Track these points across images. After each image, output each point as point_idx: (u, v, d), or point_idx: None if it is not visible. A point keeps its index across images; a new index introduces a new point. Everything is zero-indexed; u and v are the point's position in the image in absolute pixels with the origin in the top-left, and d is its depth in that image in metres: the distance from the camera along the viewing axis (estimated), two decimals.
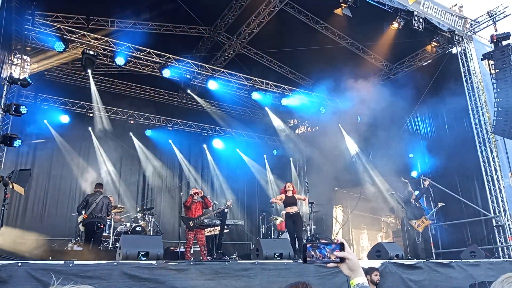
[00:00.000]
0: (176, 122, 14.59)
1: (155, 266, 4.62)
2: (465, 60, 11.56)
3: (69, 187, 12.44)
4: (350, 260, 1.53)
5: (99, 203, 8.60)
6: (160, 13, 11.22)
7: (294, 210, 8.84)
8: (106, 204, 8.70)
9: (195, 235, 8.94)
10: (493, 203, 10.40)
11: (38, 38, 9.99)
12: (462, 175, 11.19)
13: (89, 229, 8.52)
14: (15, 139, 8.82)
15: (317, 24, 12.23)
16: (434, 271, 6.91)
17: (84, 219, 8.65)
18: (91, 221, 8.44)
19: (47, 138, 11.93)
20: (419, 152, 12.25)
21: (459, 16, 11.52)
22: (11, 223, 11.13)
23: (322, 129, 14.64)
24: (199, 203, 9.32)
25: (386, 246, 7.48)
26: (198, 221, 8.98)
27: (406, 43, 11.63)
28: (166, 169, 14.40)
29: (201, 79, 12.20)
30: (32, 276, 3.84)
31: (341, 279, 5.42)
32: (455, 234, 11.08)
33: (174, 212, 13.87)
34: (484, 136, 10.88)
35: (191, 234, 8.92)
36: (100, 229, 8.52)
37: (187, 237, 9.02)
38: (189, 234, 8.94)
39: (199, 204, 9.27)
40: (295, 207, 8.90)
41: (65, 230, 11.32)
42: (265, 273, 5.29)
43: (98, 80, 13.03)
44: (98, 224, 8.42)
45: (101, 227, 8.55)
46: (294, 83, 14.05)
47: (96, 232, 8.50)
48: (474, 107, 11.16)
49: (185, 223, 9.03)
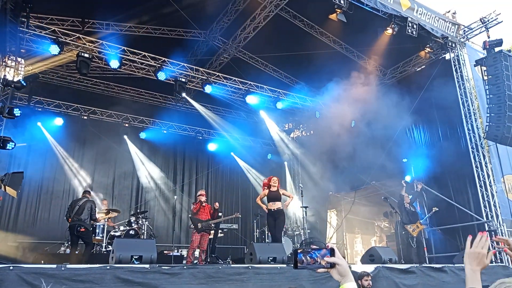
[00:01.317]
0: (170, 125, 14.57)
1: (149, 270, 4.61)
2: (458, 66, 11.68)
3: (62, 190, 12.38)
4: (340, 265, 1.55)
5: (81, 206, 8.52)
6: (156, 17, 11.24)
7: (276, 206, 8.35)
8: (88, 207, 8.55)
9: (200, 238, 8.88)
10: (485, 208, 10.47)
11: (32, 40, 9.95)
12: (455, 180, 11.27)
13: (71, 232, 8.44)
14: (8, 141, 8.78)
15: (312, 29, 12.31)
16: (427, 276, 6.95)
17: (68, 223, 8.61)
18: (72, 224, 8.38)
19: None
20: (413, 157, 12.32)
21: (452, 22, 11.65)
22: (3, 226, 11.06)
23: (317, 133, 14.68)
24: (207, 206, 9.29)
25: (380, 250, 7.52)
26: (206, 224, 8.92)
27: (400, 48, 11.73)
28: (160, 172, 14.36)
29: (196, 82, 12.21)
30: (23, 280, 3.82)
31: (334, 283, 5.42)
32: (447, 239, 11.14)
33: (167, 215, 13.82)
34: (477, 142, 10.97)
35: (197, 236, 8.85)
36: (80, 232, 8.31)
37: (192, 238, 8.97)
38: (195, 236, 8.87)
39: (207, 208, 9.24)
40: (278, 203, 8.39)
41: (58, 233, 11.24)
42: (258, 278, 5.30)
43: (92, 83, 13.01)
44: (78, 228, 8.28)
45: (81, 230, 8.31)
46: (289, 87, 14.09)
47: (78, 235, 8.35)
48: (467, 113, 11.26)
49: (193, 224, 8.95)
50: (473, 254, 1.70)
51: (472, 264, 1.70)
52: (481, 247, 1.71)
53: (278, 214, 8.34)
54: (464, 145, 11.10)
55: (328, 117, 13.75)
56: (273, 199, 8.41)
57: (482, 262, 1.69)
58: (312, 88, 14.02)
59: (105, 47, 10.61)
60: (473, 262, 1.70)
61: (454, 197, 11.12)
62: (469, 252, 1.72)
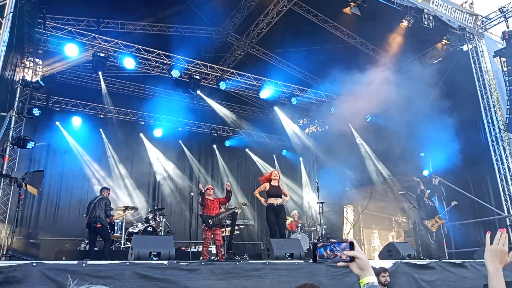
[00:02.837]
0: (186, 122, 14.66)
1: (167, 266, 4.65)
2: (477, 58, 11.42)
3: (81, 188, 12.58)
4: (360, 259, 1.54)
5: (96, 204, 8.72)
6: (169, 15, 11.29)
7: (278, 201, 8.16)
8: (103, 204, 8.75)
9: (212, 233, 8.68)
10: (506, 202, 10.26)
11: (49, 41, 10.13)
12: (475, 174, 11.04)
13: (89, 229, 8.68)
14: (28, 141, 8.98)
15: (325, 24, 12.20)
16: (447, 271, 6.83)
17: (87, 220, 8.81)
18: (89, 221, 8.61)
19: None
20: (431, 151, 12.12)
21: (470, 13, 11.39)
22: (25, 224, 11.32)
23: (332, 129, 14.58)
24: (216, 200, 9.13)
25: (398, 246, 7.43)
26: (217, 219, 8.73)
27: (416, 41, 11.53)
28: (177, 170, 14.47)
29: (210, 79, 12.24)
30: (46, 276, 3.89)
31: (352, 279, 5.39)
32: (468, 234, 10.94)
33: (184, 212, 13.94)
34: (497, 134, 10.74)
35: (209, 232, 8.64)
36: (96, 228, 8.51)
37: (204, 235, 8.73)
38: (207, 233, 8.65)
39: (216, 202, 9.07)
40: (279, 199, 8.21)
41: (78, 230, 11.44)
42: (276, 273, 5.29)
43: (108, 82, 13.17)
44: (95, 224, 8.49)
45: (98, 226, 8.50)
46: (304, 83, 14.02)
47: (95, 231, 8.55)
48: (486, 105, 11.03)
49: (204, 221, 8.76)
50: (494, 252, 1.68)
51: (495, 262, 1.67)
52: (502, 244, 1.69)
53: (280, 209, 8.20)
54: (483, 138, 10.87)
55: (343, 112, 13.63)
56: (275, 195, 8.25)
57: (504, 259, 1.68)
58: (326, 83, 13.89)
59: (120, 46, 10.72)
60: (496, 259, 1.68)
61: (474, 191, 10.91)
62: (491, 250, 1.69)
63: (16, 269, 3.81)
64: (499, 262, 1.67)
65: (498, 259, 1.67)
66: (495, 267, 1.66)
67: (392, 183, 12.87)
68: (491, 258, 1.68)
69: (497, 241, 1.70)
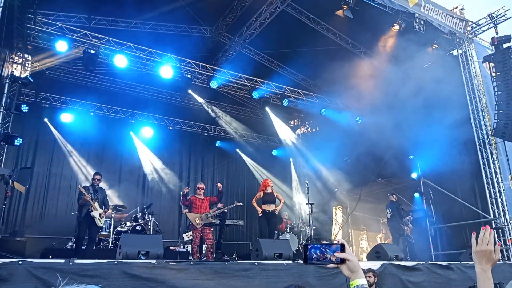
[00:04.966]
0: (176, 121, 14.59)
1: (155, 265, 4.63)
2: (466, 63, 11.57)
3: (69, 185, 12.44)
4: (350, 261, 1.54)
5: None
6: (162, 13, 11.23)
7: (271, 208, 8.54)
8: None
9: (201, 233, 8.58)
10: (492, 205, 10.41)
11: (39, 36, 9.99)
12: (462, 177, 11.18)
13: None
14: (16, 137, 8.85)
15: (318, 26, 12.25)
16: (434, 273, 6.92)
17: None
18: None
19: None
20: (419, 154, 12.25)
21: (460, 18, 11.54)
22: (11, 221, 11.16)
23: (323, 130, 14.65)
24: (206, 199, 8.99)
25: (386, 247, 7.50)
26: (204, 217, 8.59)
27: (406, 45, 11.62)
28: (166, 169, 14.39)
29: (202, 79, 12.20)
30: (32, 275, 3.85)
31: (340, 279, 5.43)
32: (454, 236, 11.08)
33: (174, 211, 13.86)
34: (485, 139, 10.89)
35: (197, 232, 8.54)
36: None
37: (193, 235, 8.66)
38: (195, 232, 8.56)
39: (206, 201, 8.94)
40: (272, 205, 8.61)
41: (65, 228, 11.32)
42: (264, 274, 5.30)
43: (99, 79, 13.05)
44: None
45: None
46: (295, 84, 14.05)
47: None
48: (474, 109, 11.17)
49: (190, 220, 8.68)
50: (480, 253, 1.68)
51: (482, 263, 1.67)
52: (486, 243, 1.68)
53: (271, 215, 8.51)
54: (471, 142, 11.01)
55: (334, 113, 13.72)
56: (268, 202, 8.61)
57: (491, 258, 1.67)
58: (318, 85, 13.97)
59: (111, 44, 10.63)
60: (482, 260, 1.68)
61: (461, 194, 11.05)
62: (476, 251, 1.70)
63: (1, 267, 3.76)
64: (485, 262, 1.67)
65: (484, 259, 1.67)
66: (482, 268, 1.67)
67: (381, 185, 12.97)
68: (478, 260, 1.69)
69: (480, 240, 1.70)
